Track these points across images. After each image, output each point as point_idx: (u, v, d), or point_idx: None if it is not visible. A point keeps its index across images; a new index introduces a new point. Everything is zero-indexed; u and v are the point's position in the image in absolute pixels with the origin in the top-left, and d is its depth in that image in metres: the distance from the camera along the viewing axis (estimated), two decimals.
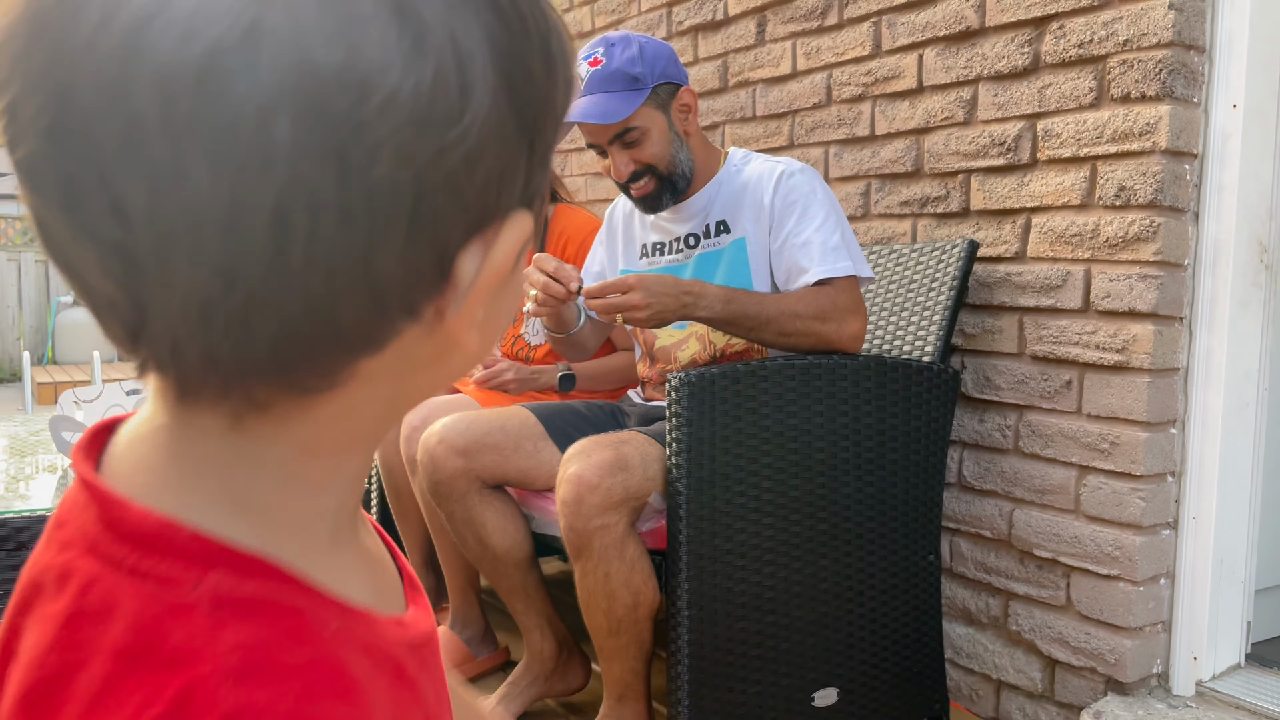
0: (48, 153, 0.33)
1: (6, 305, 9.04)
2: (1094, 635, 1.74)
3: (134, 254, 0.33)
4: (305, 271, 0.33)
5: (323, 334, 0.35)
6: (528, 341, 2.29)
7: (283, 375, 0.36)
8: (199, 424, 0.38)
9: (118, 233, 0.33)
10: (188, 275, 0.33)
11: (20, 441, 2.09)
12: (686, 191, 1.82)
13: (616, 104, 1.69)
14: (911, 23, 2.04)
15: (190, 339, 0.35)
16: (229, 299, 0.33)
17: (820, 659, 1.67)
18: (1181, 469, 1.71)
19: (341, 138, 0.32)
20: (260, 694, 0.33)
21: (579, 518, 1.54)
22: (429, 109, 0.33)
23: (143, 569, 0.36)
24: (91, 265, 0.34)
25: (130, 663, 0.34)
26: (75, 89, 0.31)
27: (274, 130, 0.31)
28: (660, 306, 1.58)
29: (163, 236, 0.32)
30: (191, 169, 0.31)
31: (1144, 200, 1.65)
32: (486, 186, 0.36)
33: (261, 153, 0.31)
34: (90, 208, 0.33)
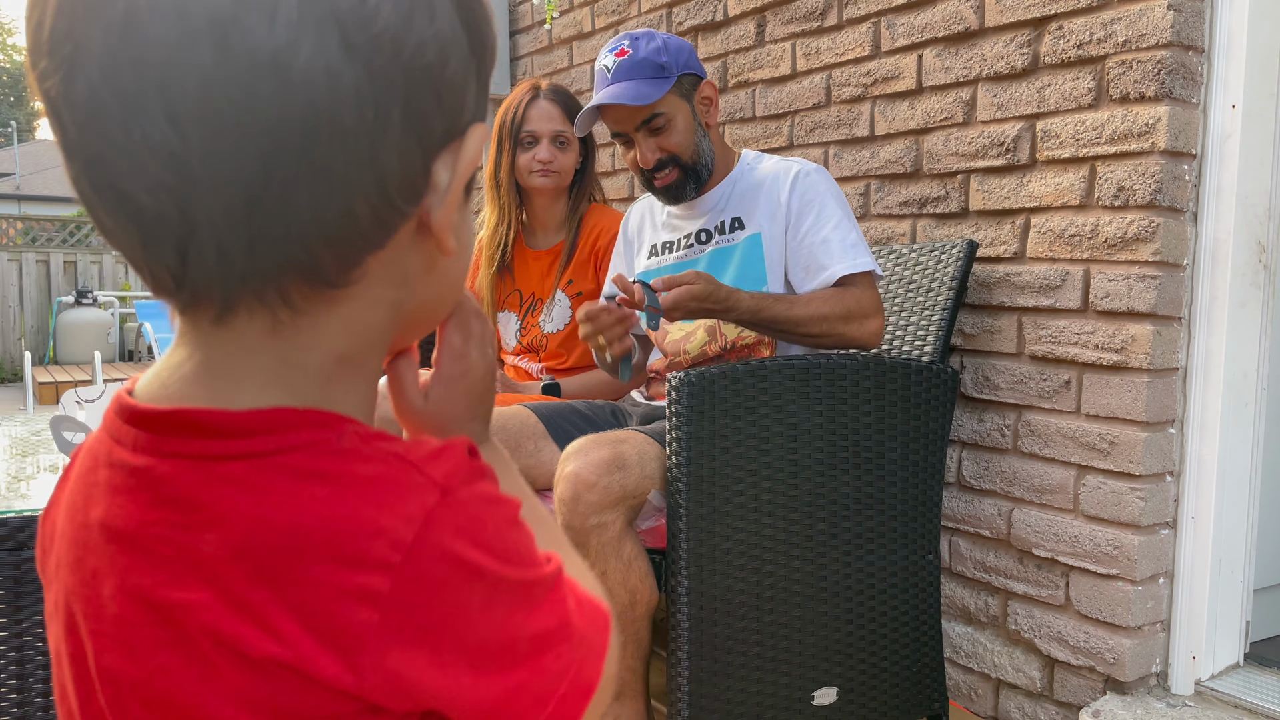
0: (111, 78, 0.39)
1: (8, 305, 9.04)
2: (1093, 634, 1.74)
3: (185, 159, 0.40)
4: (329, 160, 0.41)
5: (342, 221, 0.43)
6: (543, 330, 2.30)
7: (312, 268, 0.43)
8: (242, 342, 0.45)
9: (172, 139, 0.39)
10: (233, 170, 0.40)
11: (21, 441, 2.10)
12: (706, 184, 1.86)
13: (646, 89, 1.74)
14: (911, 23, 2.04)
15: (235, 237, 0.41)
16: (269, 188, 0.41)
17: (820, 658, 1.68)
18: (1180, 469, 1.72)
19: (349, 34, 0.40)
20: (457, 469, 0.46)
21: (576, 515, 1.54)
22: (409, 14, 0.42)
23: (282, 446, 0.44)
24: (147, 181, 0.40)
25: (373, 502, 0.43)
26: (137, 16, 0.39)
27: (300, 34, 0.39)
28: (697, 307, 1.61)
29: (211, 135, 0.39)
30: (236, 72, 0.39)
31: (1143, 200, 1.65)
32: (453, 89, 0.45)
33: (290, 52, 0.39)
34: (149, 118, 0.39)
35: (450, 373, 0.59)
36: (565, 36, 3.18)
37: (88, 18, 0.39)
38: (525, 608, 0.46)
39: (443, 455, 0.46)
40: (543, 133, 2.23)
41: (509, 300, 2.39)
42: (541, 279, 2.34)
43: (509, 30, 3.47)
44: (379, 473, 0.44)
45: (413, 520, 0.42)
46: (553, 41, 3.25)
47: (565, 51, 3.20)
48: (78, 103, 0.40)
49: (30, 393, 6.49)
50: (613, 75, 1.77)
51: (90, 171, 0.41)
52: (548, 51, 3.29)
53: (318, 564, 0.42)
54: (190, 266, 0.42)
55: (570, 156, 2.27)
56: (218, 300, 0.44)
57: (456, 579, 0.43)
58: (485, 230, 2.39)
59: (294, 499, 0.43)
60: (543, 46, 3.31)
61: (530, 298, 2.35)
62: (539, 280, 2.34)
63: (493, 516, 0.46)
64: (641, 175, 1.84)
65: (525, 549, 0.47)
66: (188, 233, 0.41)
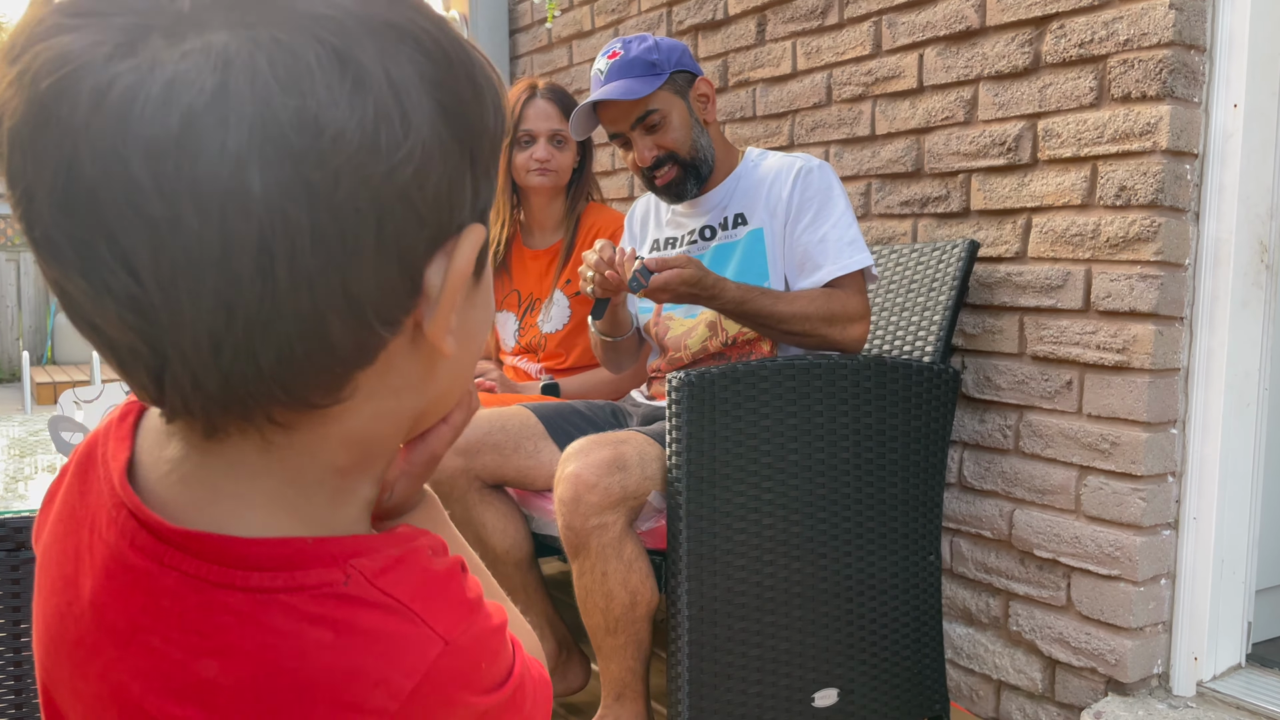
0: (62, 224, 0.38)
1: (6, 305, 9.04)
2: (1094, 635, 1.73)
3: (146, 303, 0.38)
4: (292, 294, 0.39)
5: (316, 350, 0.41)
6: (541, 330, 2.30)
7: (291, 394, 0.42)
8: (238, 458, 0.44)
9: (130, 285, 0.38)
10: (193, 313, 0.39)
11: (20, 442, 2.09)
12: (709, 181, 1.86)
13: (637, 85, 1.76)
14: (912, 22, 2.04)
15: (206, 372, 0.40)
16: (232, 328, 0.39)
17: (820, 659, 1.67)
18: (1182, 469, 1.71)
19: (305, 170, 0.37)
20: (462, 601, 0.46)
21: (577, 516, 1.54)
22: (375, 135, 0.38)
23: (289, 585, 0.43)
24: (112, 320, 0.39)
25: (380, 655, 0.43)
26: (79, 164, 0.37)
27: (248, 173, 0.37)
28: (685, 291, 1.64)
29: (167, 282, 0.38)
30: (184, 218, 0.37)
31: (1144, 200, 1.65)
32: (438, 201, 0.42)
33: (240, 194, 0.37)
34: (104, 266, 0.38)
35: (421, 472, 0.57)
36: (565, 35, 3.17)
37: (36, 162, 0.37)
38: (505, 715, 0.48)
39: (444, 595, 0.46)
40: (540, 132, 2.22)
41: (507, 300, 2.38)
42: (540, 279, 2.33)
43: (509, 30, 3.46)
44: (383, 625, 0.44)
45: (413, 673, 0.43)
46: (552, 40, 3.25)
47: (565, 50, 3.20)
48: (39, 242, 0.39)
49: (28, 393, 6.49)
50: (605, 76, 1.78)
51: (64, 302, 0.41)
52: (547, 50, 3.29)
53: (318, 706, 0.42)
54: (168, 393, 0.42)
55: (568, 156, 2.27)
56: (201, 421, 0.43)
57: (448, 716, 0.45)
58: None
59: (299, 643, 0.42)
60: (542, 45, 3.30)
61: (528, 298, 2.35)
62: (537, 280, 2.34)
63: (485, 655, 0.47)
64: (642, 175, 1.85)
65: (505, 667, 0.48)
66: (160, 364, 0.41)
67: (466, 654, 0.45)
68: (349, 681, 0.42)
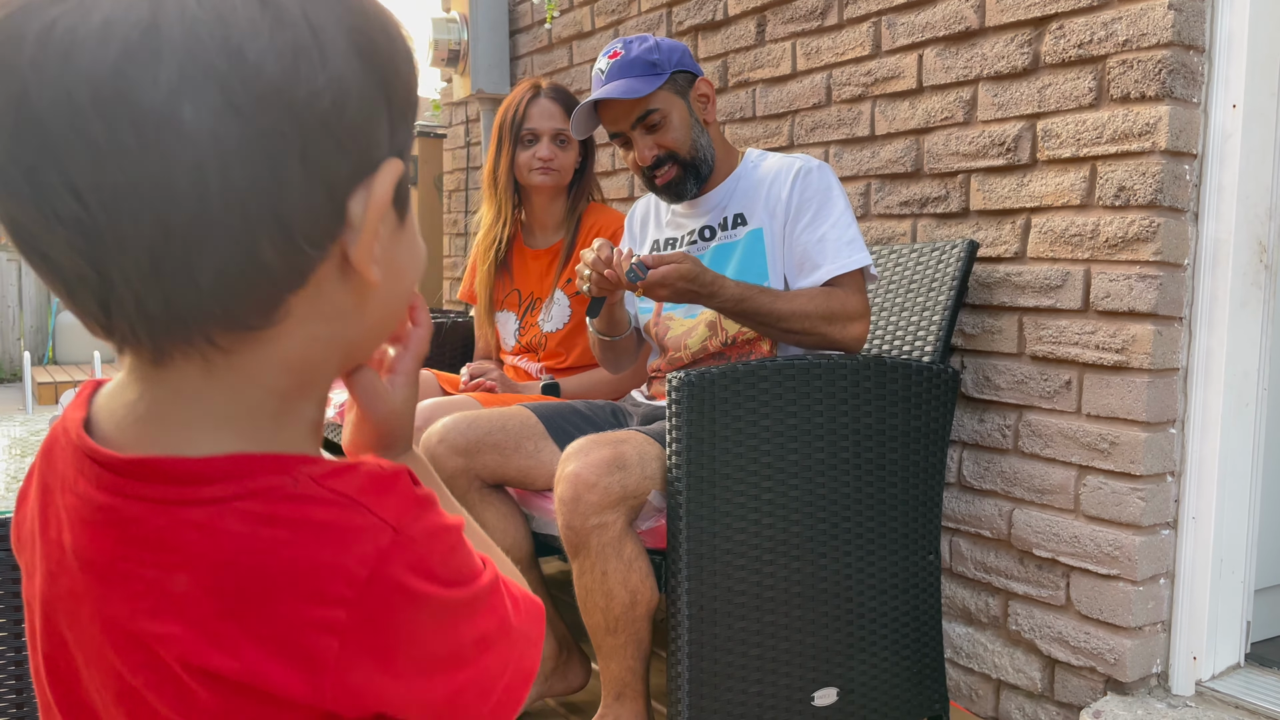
0: (14, 153, 0.41)
1: (7, 305, 9.04)
2: (1094, 635, 1.74)
3: (90, 226, 0.42)
4: (225, 213, 0.43)
5: (249, 269, 0.44)
6: (541, 329, 2.30)
7: (229, 314, 0.45)
8: (183, 384, 0.48)
9: (76, 209, 0.42)
10: (134, 233, 0.42)
11: (21, 441, 2.10)
12: (708, 182, 1.87)
13: (638, 84, 1.76)
14: (911, 23, 2.04)
15: (148, 292, 0.44)
16: (170, 247, 0.42)
17: (820, 659, 1.67)
18: (1181, 469, 1.72)
19: (231, 95, 0.41)
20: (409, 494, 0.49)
21: (576, 516, 1.54)
22: (294, 65, 0.43)
23: (241, 493, 0.46)
24: (61, 246, 0.43)
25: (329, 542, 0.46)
26: (28, 98, 0.41)
27: (180, 98, 0.41)
28: (683, 287, 1.63)
29: (110, 203, 0.41)
30: (124, 142, 0.41)
31: (1143, 200, 1.65)
32: (356, 131, 0.46)
33: (174, 118, 0.41)
34: (52, 192, 0.41)
35: (412, 369, 0.62)
36: (565, 36, 3.18)
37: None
38: (468, 618, 0.50)
39: (392, 491, 0.48)
40: (543, 130, 2.23)
41: (508, 300, 2.38)
42: (540, 278, 2.33)
43: (509, 30, 3.47)
44: (333, 516, 0.46)
45: (366, 560, 0.46)
46: (552, 41, 3.25)
47: (565, 51, 3.20)
48: None
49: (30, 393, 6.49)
50: (606, 76, 1.79)
51: (13, 233, 0.44)
52: (547, 51, 3.29)
53: (281, 601, 0.45)
54: (114, 318, 0.45)
55: (570, 155, 2.27)
56: (148, 347, 0.47)
57: (408, 608, 0.47)
58: (481, 229, 2.39)
59: (256, 542, 0.45)
60: (542, 46, 3.31)
61: (529, 297, 2.35)
62: (538, 279, 2.34)
63: (439, 547, 0.49)
64: (642, 175, 1.85)
65: (467, 568, 0.51)
66: (106, 289, 0.44)
67: (418, 543, 0.48)
68: (307, 573, 0.45)
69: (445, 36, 3.45)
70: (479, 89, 3.44)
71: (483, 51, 3.42)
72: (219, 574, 0.45)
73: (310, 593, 0.45)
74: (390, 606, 0.46)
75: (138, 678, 0.47)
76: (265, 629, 0.45)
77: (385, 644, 0.47)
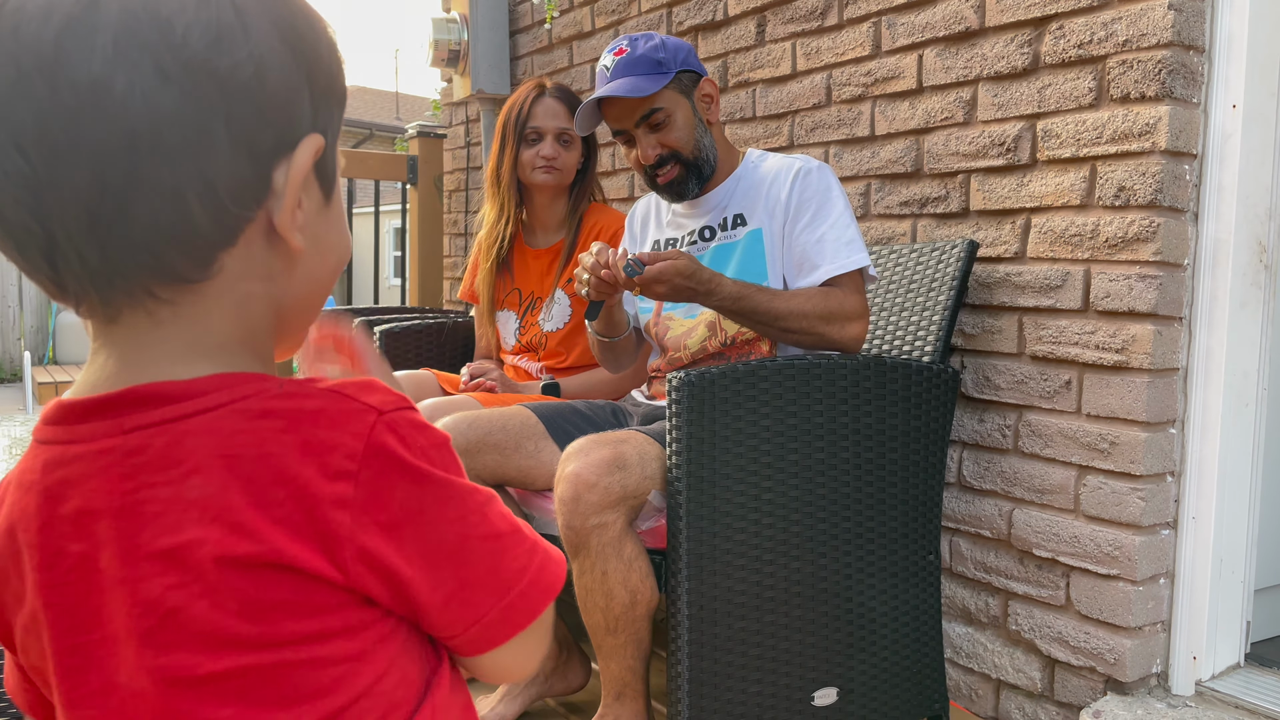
0: None
1: (7, 305, 9.04)
2: (1093, 635, 1.74)
3: (34, 180, 0.46)
4: (155, 171, 0.47)
5: (181, 225, 0.49)
6: (542, 328, 2.31)
7: (164, 266, 0.50)
8: (138, 335, 0.52)
9: (21, 163, 0.46)
10: (71, 189, 0.47)
11: (21, 441, 2.10)
12: (710, 182, 1.87)
13: (643, 82, 1.76)
14: (911, 23, 2.04)
15: (87, 245, 0.48)
16: (105, 202, 0.47)
17: (820, 659, 1.67)
18: (1181, 469, 1.72)
19: (161, 62, 0.46)
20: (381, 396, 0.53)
21: (577, 515, 1.54)
22: (218, 38, 0.48)
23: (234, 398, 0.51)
24: (9, 201, 0.47)
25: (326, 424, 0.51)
26: None
27: (115, 65, 0.46)
28: (680, 284, 1.63)
29: (50, 158, 0.46)
30: (64, 103, 0.46)
31: (1143, 200, 1.65)
32: (277, 104, 0.50)
33: (108, 82, 0.46)
34: (2, 148, 0.46)
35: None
36: (565, 36, 3.18)
37: None
38: (475, 512, 0.55)
39: (373, 388, 0.53)
40: (547, 129, 2.23)
41: (508, 299, 2.38)
42: (541, 278, 2.34)
43: (509, 30, 3.47)
44: (323, 404, 0.51)
45: (359, 435, 0.51)
46: (552, 41, 3.25)
47: (565, 51, 3.20)
48: None
49: (30, 393, 6.49)
50: (611, 73, 1.79)
51: None
52: (547, 51, 3.29)
53: (290, 482, 0.50)
54: (61, 273, 0.49)
55: (573, 155, 2.27)
56: (97, 301, 0.51)
57: (405, 481, 0.52)
58: (484, 228, 2.39)
59: (257, 434, 0.50)
60: (542, 46, 3.31)
61: (529, 296, 2.35)
62: (538, 279, 2.34)
63: (428, 435, 0.54)
64: (644, 173, 1.85)
65: (458, 466, 0.56)
66: (50, 243, 0.48)
67: (405, 425, 0.53)
68: (308, 452, 0.50)
69: (445, 37, 3.45)
70: (479, 89, 3.44)
71: (483, 52, 3.42)
72: (229, 468, 0.50)
73: (315, 469, 0.50)
74: (390, 477, 0.51)
75: (173, 596, 0.50)
76: (281, 510, 0.49)
77: (392, 518, 0.51)
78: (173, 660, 0.50)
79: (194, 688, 0.51)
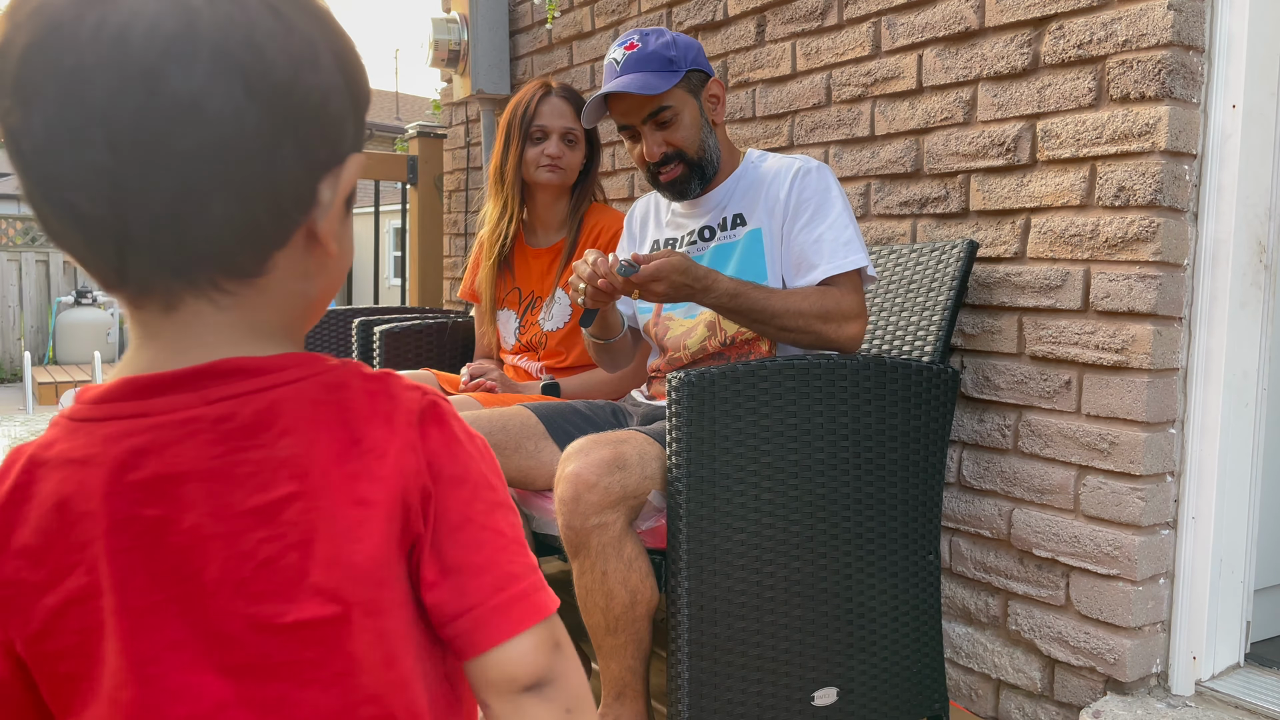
0: (64, 114, 0.51)
1: (7, 305, 9.04)
2: (1093, 635, 1.74)
3: (122, 177, 0.51)
4: (235, 177, 0.53)
5: (248, 226, 0.55)
6: (542, 328, 2.31)
7: (231, 261, 0.56)
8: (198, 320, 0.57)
9: (111, 161, 0.51)
10: (156, 186, 0.52)
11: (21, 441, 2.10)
12: (711, 182, 1.87)
13: (654, 80, 1.75)
14: (911, 23, 2.04)
15: (165, 238, 0.53)
16: (189, 200, 0.53)
17: (820, 659, 1.67)
18: (1181, 469, 1.72)
19: (251, 83, 0.52)
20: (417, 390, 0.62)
21: (577, 516, 1.54)
22: (298, 67, 0.54)
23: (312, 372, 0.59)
24: (91, 193, 0.52)
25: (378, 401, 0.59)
26: (84, 67, 0.50)
27: (212, 84, 0.51)
28: (677, 281, 1.63)
29: (142, 158, 0.51)
30: (163, 111, 0.51)
31: (1143, 200, 1.65)
32: (334, 126, 0.58)
33: (203, 96, 0.51)
34: (93, 146, 0.51)
35: None
36: (565, 36, 3.18)
37: (45, 69, 0.51)
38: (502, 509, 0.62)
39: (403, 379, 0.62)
40: (553, 128, 2.24)
41: (508, 298, 2.39)
42: (541, 277, 2.34)
43: (509, 30, 3.47)
44: (383, 385, 0.60)
45: (414, 403, 0.60)
46: (553, 41, 3.25)
47: (565, 51, 3.20)
48: (35, 131, 0.51)
49: (30, 393, 6.49)
50: (621, 67, 1.78)
51: (44, 186, 0.53)
52: (548, 51, 3.29)
53: (371, 437, 0.58)
54: (129, 262, 0.54)
55: (577, 155, 2.28)
56: (160, 290, 0.56)
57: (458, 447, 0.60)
58: (486, 225, 2.39)
59: (338, 402, 0.58)
60: (543, 46, 3.31)
61: (529, 295, 2.35)
62: (539, 278, 2.34)
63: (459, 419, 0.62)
64: (647, 170, 1.85)
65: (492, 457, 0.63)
66: (123, 235, 0.53)
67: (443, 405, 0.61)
68: (380, 416, 0.58)
69: (445, 37, 3.45)
70: (479, 89, 3.44)
71: (483, 52, 3.42)
72: (316, 430, 0.57)
73: (390, 428, 0.58)
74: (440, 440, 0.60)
75: (265, 549, 0.56)
76: (366, 464, 0.57)
77: (455, 474, 0.60)
78: (263, 609, 0.56)
79: (281, 634, 0.56)
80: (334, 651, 0.56)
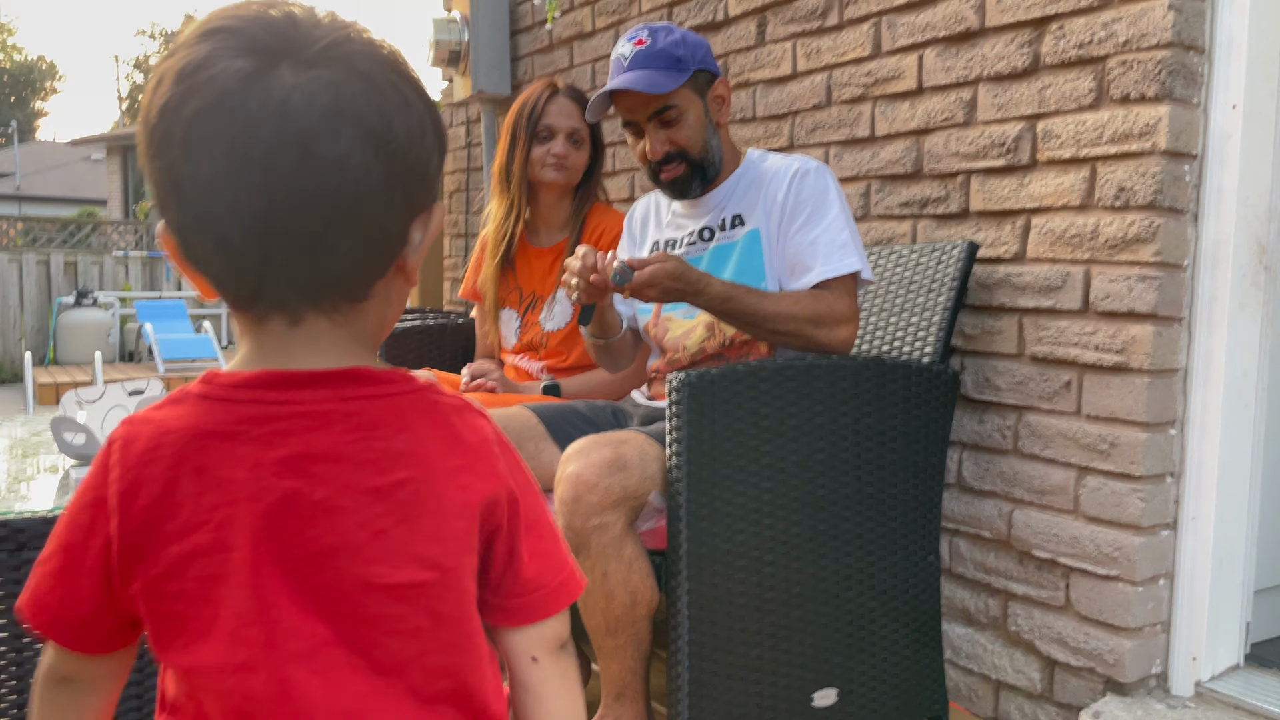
0: (230, 164, 0.62)
1: (8, 306, 9.04)
2: (1093, 636, 1.74)
3: (273, 218, 0.63)
4: (360, 219, 0.66)
5: (366, 259, 0.68)
6: (543, 327, 2.31)
7: (350, 287, 0.69)
8: (320, 333, 0.69)
9: (265, 205, 0.63)
10: (301, 225, 0.64)
11: (22, 442, 2.10)
12: (712, 182, 1.86)
13: (661, 78, 1.74)
14: (911, 23, 2.04)
15: (302, 267, 0.66)
16: (325, 239, 0.65)
17: (820, 659, 1.67)
18: (1181, 469, 1.72)
19: (380, 147, 0.65)
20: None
21: (577, 516, 1.54)
22: (414, 136, 0.68)
23: (416, 388, 0.72)
24: (243, 230, 0.63)
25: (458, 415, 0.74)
26: (255, 133, 0.62)
27: (351, 148, 0.64)
28: (670, 286, 1.63)
29: (294, 206, 0.63)
30: (313, 166, 0.63)
31: (1143, 201, 1.65)
32: (431, 180, 0.71)
33: (344, 157, 0.64)
34: (252, 192, 0.63)
35: None
36: (566, 37, 3.18)
37: (215, 128, 0.62)
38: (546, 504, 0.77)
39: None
40: (560, 128, 2.24)
41: (509, 298, 2.39)
42: (543, 277, 2.34)
43: (510, 30, 3.47)
44: (460, 400, 0.74)
45: (488, 423, 0.75)
46: (553, 42, 3.26)
47: (565, 51, 3.20)
48: (200, 178, 0.63)
49: (30, 394, 6.49)
50: (629, 64, 1.77)
51: (201, 221, 0.64)
52: (548, 52, 3.29)
53: (466, 441, 0.72)
54: (266, 285, 0.66)
55: (582, 156, 2.28)
56: (289, 309, 0.68)
57: (516, 456, 0.76)
58: (491, 224, 2.39)
59: (439, 412, 0.72)
60: (543, 47, 3.31)
61: (531, 295, 2.35)
62: (541, 278, 2.34)
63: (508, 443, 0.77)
64: (649, 168, 1.85)
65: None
66: (266, 263, 0.65)
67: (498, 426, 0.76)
68: (468, 427, 0.73)
69: (446, 37, 3.45)
70: (480, 89, 3.44)
71: (484, 52, 3.42)
72: (426, 431, 0.70)
73: (476, 437, 0.73)
74: (515, 457, 0.75)
75: (379, 521, 0.67)
76: (465, 458, 0.71)
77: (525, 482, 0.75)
78: (370, 570, 0.67)
79: (381, 591, 0.68)
80: (419, 609, 0.69)
